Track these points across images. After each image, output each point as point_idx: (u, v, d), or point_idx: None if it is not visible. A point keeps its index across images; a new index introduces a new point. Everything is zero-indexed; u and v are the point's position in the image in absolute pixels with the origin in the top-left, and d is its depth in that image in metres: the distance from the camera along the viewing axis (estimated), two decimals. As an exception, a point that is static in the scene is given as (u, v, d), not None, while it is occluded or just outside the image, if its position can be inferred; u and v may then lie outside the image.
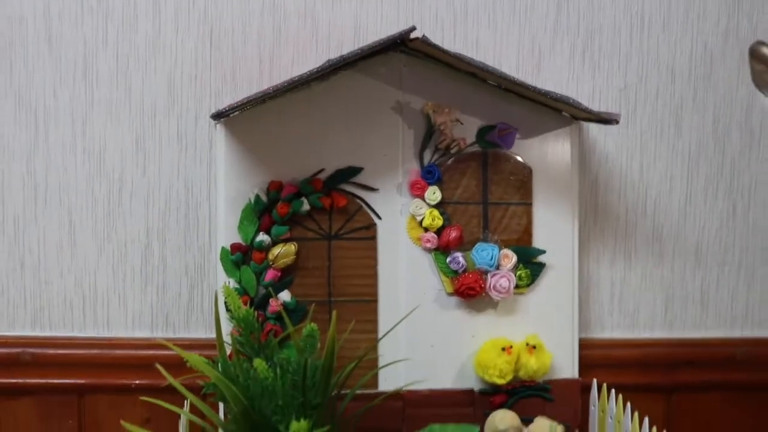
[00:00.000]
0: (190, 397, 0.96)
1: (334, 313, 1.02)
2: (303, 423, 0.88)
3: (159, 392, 0.99)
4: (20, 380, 1.18)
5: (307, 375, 0.96)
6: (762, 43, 0.86)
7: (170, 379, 0.96)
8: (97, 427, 1.20)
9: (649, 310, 1.25)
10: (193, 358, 0.97)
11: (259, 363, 0.95)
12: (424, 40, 1.04)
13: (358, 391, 1.06)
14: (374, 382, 1.13)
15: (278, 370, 0.97)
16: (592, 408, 1.15)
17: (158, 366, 0.98)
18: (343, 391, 1.04)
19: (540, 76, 1.19)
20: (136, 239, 1.20)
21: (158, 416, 1.05)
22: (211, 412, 0.98)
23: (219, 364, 1.00)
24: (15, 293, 1.19)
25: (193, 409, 0.98)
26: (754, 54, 0.86)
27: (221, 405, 1.05)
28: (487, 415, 1.11)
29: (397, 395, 1.13)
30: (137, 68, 1.18)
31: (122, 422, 0.96)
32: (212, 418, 0.98)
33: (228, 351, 1.02)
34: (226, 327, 1.05)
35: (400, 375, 1.13)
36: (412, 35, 1.02)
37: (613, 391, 1.09)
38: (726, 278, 1.26)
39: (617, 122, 1.09)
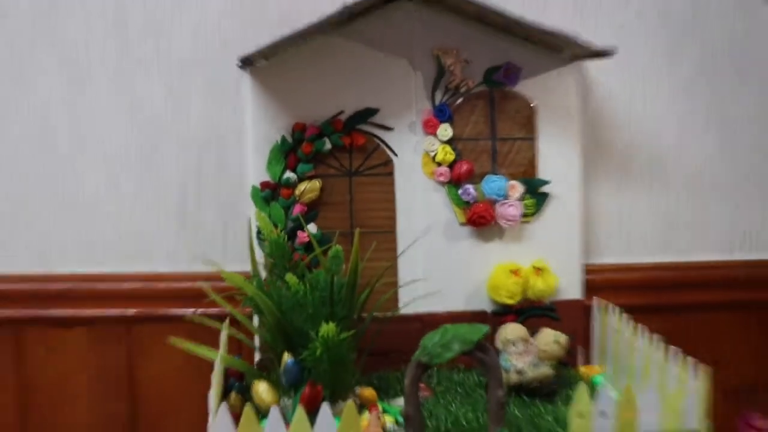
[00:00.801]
0: (229, 308, 1.06)
1: (357, 231, 1.09)
2: (331, 325, 0.97)
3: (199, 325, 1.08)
4: (73, 312, 1.26)
5: (334, 290, 1.05)
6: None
7: (214, 296, 1.06)
8: (143, 352, 1.28)
9: (647, 236, 1.32)
10: (232, 276, 1.06)
11: (290, 277, 1.04)
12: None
13: (381, 314, 1.14)
14: (394, 306, 1.20)
15: (308, 286, 1.06)
16: (594, 322, 1.22)
17: (201, 284, 1.09)
18: (365, 314, 1.12)
19: (543, 18, 1.18)
20: (172, 182, 1.27)
21: (198, 341, 1.12)
22: (247, 321, 1.08)
23: (254, 282, 1.10)
24: (65, 235, 1.27)
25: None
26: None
27: (255, 322, 1.14)
28: (499, 333, 1.19)
29: (416, 317, 1.21)
30: (165, 22, 1.24)
31: (171, 338, 1.05)
32: (248, 326, 1.08)
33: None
34: (260, 254, 1.14)
35: (418, 300, 1.21)
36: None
37: (611, 305, 1.16)
38: (718, 206, 1.32)
39: (613, 54, 1.15)
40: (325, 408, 0.88)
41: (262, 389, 1.03)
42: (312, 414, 0.90)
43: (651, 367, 1.04)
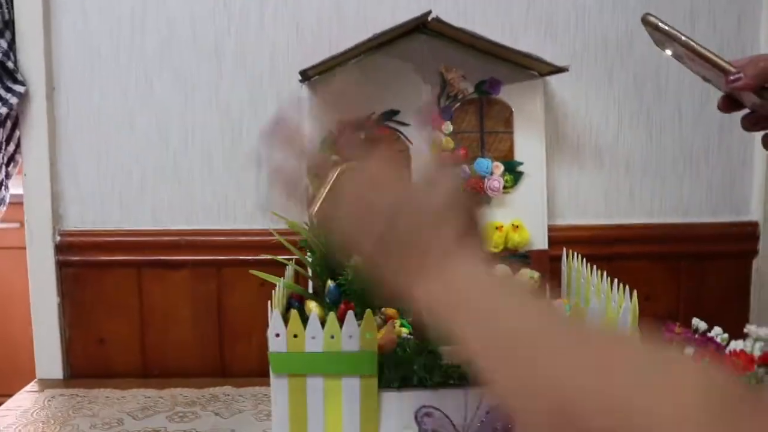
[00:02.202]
0: (292, 248, 0.99)
1: None
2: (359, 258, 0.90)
3: (269, 266, 1.02)
4: (179, 257, 1.21)
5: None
6: (649, 14, 0.83)
7: (281, 239, 1.00)
8: (229, 288, 1.22)
9: (594, 204, 1.24)
10: (293, 223, 0.99)
11: None
12: (437, 19, 1.05)
13: None
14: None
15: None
16: (563, 267, 1.14)
17: (274, 232, 1.01)
18: None
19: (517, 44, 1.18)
20: (251, 163, 1.20)
21: (267, 283, 1.06)
22: (304, 258, 1.01)
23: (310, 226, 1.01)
24: (175, 201, 1.21)
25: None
26: (645, 21, 0.84)
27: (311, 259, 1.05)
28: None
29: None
30: (250, 51, 1.19)
31: (250, 270, 0.99)
32: (302, 259, 1.01)
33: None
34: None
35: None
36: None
37: (574, 253, 1.08)
38: (646, 182, 1.24)
39: (567, 70, 1.10)
40: (350, 314, 0.81)
41: (312, 306, 0.96)
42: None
43: (600, 295, 0.97)
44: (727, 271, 1.27)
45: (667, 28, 0.75)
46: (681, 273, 1.26)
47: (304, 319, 0.89)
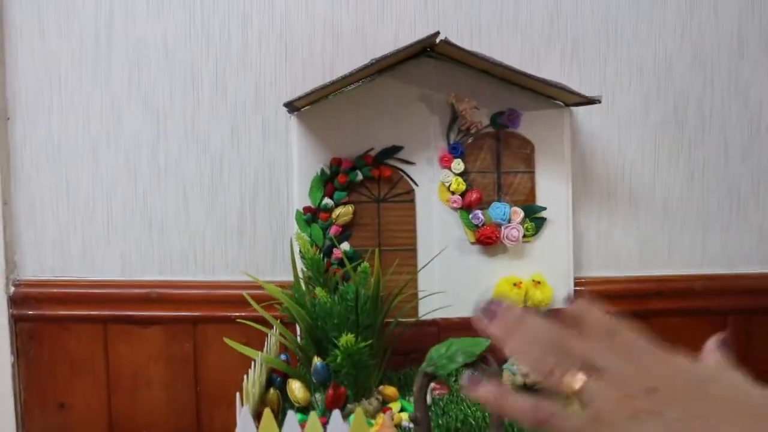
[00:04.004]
0: (269, 318, 0.84)
1: (376, 251, 0.89)
2: (350, 336, 0.75)
3: (253, 321, 0.87)
4: (150, 313, 1.06)
5: (359, 301, 0.82)
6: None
7: (254, 305, 0.84)
8: (207, 348, 1.06)
9: (627, 254, 1.08)
10: (271, 287, 0.84)
11: (319, 291, 0.82)
12: (445, 41, 0.89)
13: (403, 319, 0.93)
14: (414, 313, 0.98)
15: (338, 298, 0.84)
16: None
17: (246, 294, 0.86)
18: (390, 320, 0.91)
19: (538, 74, 1.02)
20: (233, 205, 1.06)
21: (253, 340, 0.91)
22: (283, 329, 0.86)
23: (294, 293, 0.87)
24: (145, 248, 1.07)
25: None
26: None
27: (298, 328, 0.91)
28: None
29: (433, 322, 0.99)
30: (232, 76, 1.04)
31: (225, 339, 0.84)
32: (282, 331, 0.86)
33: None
34: (301, 267, 0.92)
35: (435, 308, 0.98)
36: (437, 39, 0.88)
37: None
38: (687, 229, 1.08)
39: (599, 101, 0.94)
40: (336, 414, 0.65)
41: (295, 387, 0.81)
42: (339, 409, 0.69)
43: None
44: (779, 328, 1.11)
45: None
46: (715, 330, 1.10)
47: (287, 401, 0.75)
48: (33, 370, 1.07)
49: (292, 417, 0.68)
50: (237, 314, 1.01)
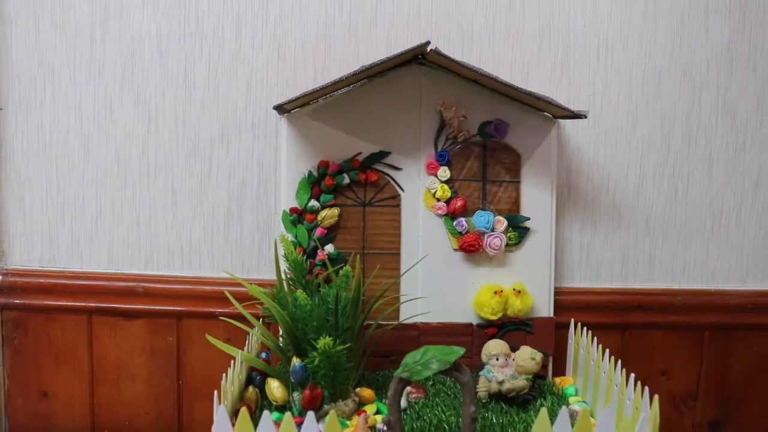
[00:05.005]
0: (249, 318, 0.85)
1: (357, 257, 0.92)
2: (328, 339, 0.76)
3: (236, 319, 0.88)
4: (135, 306, 1.07)
5: (339, 304, 0.84)
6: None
7: (236, 304, 0.85)
8: (190, 342, 1.08)
9: (608, 266, 1.09)
10: (253, 288, 0.85)
11: (300, 293, 0.83)
12: (436, 51, 0.90)
13: (384, 322, 0.95)
14: (396, 316, 0.99)
15: (319, 300, 0.85)
16: (570, 341, 1.00)
17: (227, 293, 0.87)
18: (371, 322, 0.93)
19: (527, 85, 1.03)
20: (220, 204, 1.07)
21: (236, 337, 0.93)
22: (264, 330, 0.87)
23: (276, 294, 0.88)
24: (132, 242, 1.08)
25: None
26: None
27: (280, 329, 0.92)
28: (483, 344, 0.97)
29: (413, 326, 1.00)
30: (224, 76, 1.05)
31: (207, 336, 0.85)
32: (264, 333, 0.87)
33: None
34: (284, 268, 0.93)
35: (417, 312, 1.00)
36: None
37: (584, 328, 0.94)
38: (669, 244, 1.09)
39: (585, 117, 0.95)
40: (310, 416, 0.67)
41: (274, 386, 0.83)
42: (315, 410, 0.73)
43: (612, 387, 0.82)
44: (756, 345, 1.11)
45: None
46: (703, 346, 1.11)
47: (265, 399, 0.76)
48: (18, 359, 1.09)
49: (267, 417, 0.69)
50: (221, 311, 1.03)
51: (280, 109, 0.97)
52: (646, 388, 0.74)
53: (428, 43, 0.90)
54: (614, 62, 1.07)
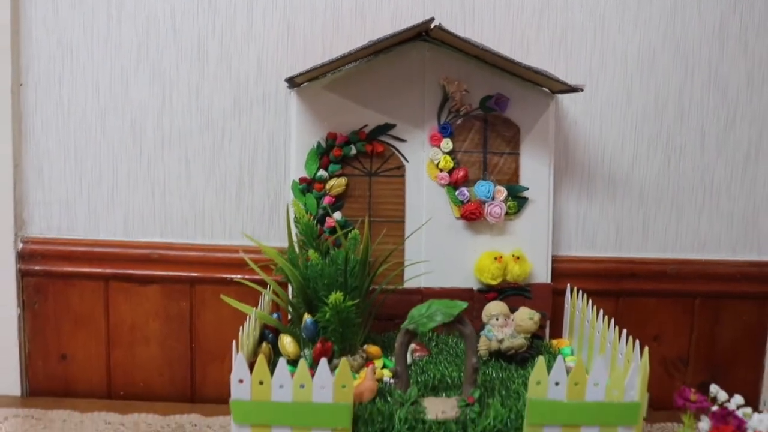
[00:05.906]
0: (263, 276, 0.90)
1: (366, 220, 0.96)
2: (339, 294, 0.81)
3: (247, 286, 0.93)
4: (150, 272, 1.11)
5: (348, 265, 0.88)
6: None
7: (250, 263, 0.90)
8: (202, 307, 1.12)
9: (603, 235, 1.14)
10: (268, 249, 0.90)
11: (312, 253, 0.88)
12: (440, 27, 0.95)
13: (389, 286, 1.00)
14: (400, 280, 1.04)
15: (329, 261, 0.90)
16: (566, 304, 1.05)
17: (244, 255, 0.92)
18: (376, 286, 0.97)
19: (527, 60, 1.07)
20: (232, 173, 1.11)
21: (246, 301, 0.96)
22: (277, 287, 0.92)
23: (288, 255, 0.93)
24: (147, 211, 1.12)
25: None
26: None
27: (290, 287, 0.97)
28: (483, 308, 1.02)
29: (416, 290, 1.05)
30: (236, 50, 1.09)
31: (221, 296, 0.90)
32: (276, 289, 0.92)
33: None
34: (295, 232, 0.98)
35: (420, 277, 1.05)
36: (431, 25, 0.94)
37: (580, 291, 0.99)
38: (661, 214, 1.14)
39: (582, 90, 0.99)
40: (323, 362, 0.72)
41: (287, 341, 0.88)
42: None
43: (605, 344, 0.88)
44: (744, 313, 1.16)
45: None
46: (694, 313, 1.16)
47: (278, 354, 0.81)
48: (38, 323, 1.13)
49: (282, 363, 0.74)
50: (232, 276, 1.08)
51: (291, 82, 1.02)
52: (637, 341, 0.79)
53: (432, 19, 0.94)
54: (609, 39, 1.11)
